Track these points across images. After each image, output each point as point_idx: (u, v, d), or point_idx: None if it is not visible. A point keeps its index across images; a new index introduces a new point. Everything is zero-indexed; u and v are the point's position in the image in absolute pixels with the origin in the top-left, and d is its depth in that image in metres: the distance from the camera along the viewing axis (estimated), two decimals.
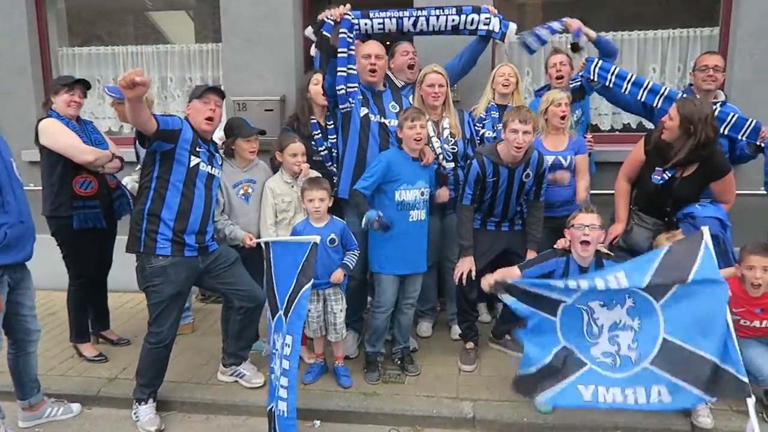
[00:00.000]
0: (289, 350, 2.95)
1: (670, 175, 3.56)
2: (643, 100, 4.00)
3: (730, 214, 3.64)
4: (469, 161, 3.77)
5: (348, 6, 3.89)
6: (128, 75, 2.76)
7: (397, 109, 3.94)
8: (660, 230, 3.65)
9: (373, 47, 3.94)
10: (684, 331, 2.80)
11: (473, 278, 3.72)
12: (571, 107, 4.13)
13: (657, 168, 3.58)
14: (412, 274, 3.80)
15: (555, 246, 3.53)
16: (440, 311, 4.67)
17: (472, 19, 4.12)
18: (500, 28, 4.13)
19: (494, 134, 4.19)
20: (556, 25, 4.19)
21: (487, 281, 3.27)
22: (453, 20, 4.12)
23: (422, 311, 4.48)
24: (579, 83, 4.20)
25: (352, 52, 3.88)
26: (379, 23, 4.12)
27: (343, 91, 3.85)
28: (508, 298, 3.06)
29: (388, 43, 4.50)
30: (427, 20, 4.13)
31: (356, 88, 3.89)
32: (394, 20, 4.12)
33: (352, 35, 3.88)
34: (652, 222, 3.70)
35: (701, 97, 3.85)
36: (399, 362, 3.91)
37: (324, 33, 3.83)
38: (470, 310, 4.01)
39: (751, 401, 2.73)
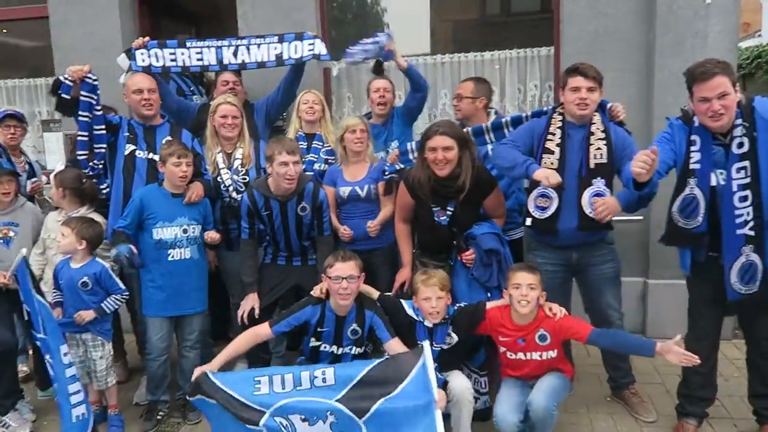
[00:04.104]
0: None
1: (452, 209, 3.37)
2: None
3: None
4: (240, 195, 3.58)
5: (88, 67, 3.56)
6: None
7: None
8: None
9: (143, 81, 3.73)
10: None
11: (256, 317, 3.48)
12: (384, 138, 3.99)
13: (435, 209, 3.39)
14: (186, 315, 3.57)
15: (312, 293, 3.23)
16: None
17: (296, 47, 3.98)
18: (328, 51, 3.98)
19: (303, 164, 3.99)
20: (382, 38, 3.91)
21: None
22: (275, 48, 4.00)
23: None
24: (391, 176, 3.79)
25: (98, 112, 3.62)
26: (197, 53, 4.00)
27: (84, 157, 3.65)
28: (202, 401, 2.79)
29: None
30: (248, 49, 4.01)
31: (104, 149, 3.67)
32: (212, 50, 4.01)
33: (95, 97, 3.59)
34: (435, 267, 3.44)
35: (469, 123, 3.80)
36: (182, 409, 3.66)
37: (62, 95, 3.52)
38: (260, 352, 3.66)
39: None
